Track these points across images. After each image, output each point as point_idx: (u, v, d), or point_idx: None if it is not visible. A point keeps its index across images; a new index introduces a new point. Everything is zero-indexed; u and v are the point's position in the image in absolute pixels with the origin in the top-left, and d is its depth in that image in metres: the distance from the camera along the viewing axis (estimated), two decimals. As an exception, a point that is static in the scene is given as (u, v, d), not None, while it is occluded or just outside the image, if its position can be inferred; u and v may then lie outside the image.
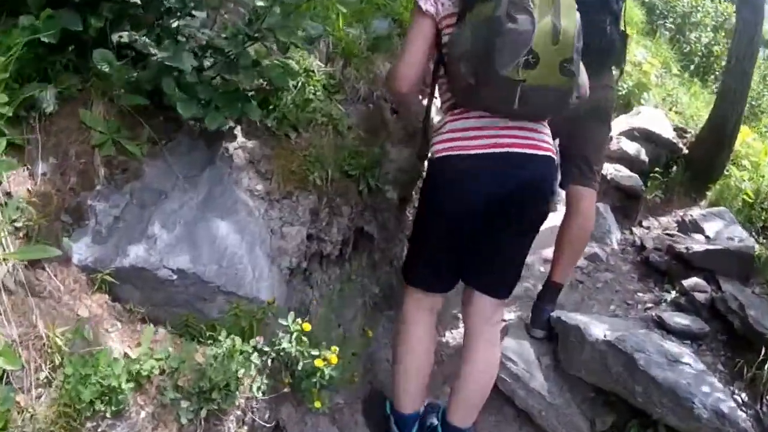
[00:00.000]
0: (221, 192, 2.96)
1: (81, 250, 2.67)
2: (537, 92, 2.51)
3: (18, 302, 2.44)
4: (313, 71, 3.35)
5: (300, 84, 3.27)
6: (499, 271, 3.04)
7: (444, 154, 2.84)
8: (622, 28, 3.77)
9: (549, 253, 4.52)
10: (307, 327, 2.60)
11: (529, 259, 5.09)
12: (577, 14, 2.53)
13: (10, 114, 2.64)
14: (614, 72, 4.08)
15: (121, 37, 2.49)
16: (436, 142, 2.90)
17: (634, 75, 7.47)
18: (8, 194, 2.63)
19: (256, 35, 2.57)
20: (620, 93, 7.08)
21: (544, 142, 2.83)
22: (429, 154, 3.00)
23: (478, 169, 2.75)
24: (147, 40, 2.50)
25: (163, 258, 2.67)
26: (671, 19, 9.40)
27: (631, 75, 7.43)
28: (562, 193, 4.19)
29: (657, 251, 5.41)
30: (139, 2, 2.68)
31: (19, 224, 2.58)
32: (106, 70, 2.66)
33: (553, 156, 2.86)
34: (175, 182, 2.88)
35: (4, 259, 2.46)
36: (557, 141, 4.05)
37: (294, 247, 3.15)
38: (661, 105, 7.56)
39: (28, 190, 2.70)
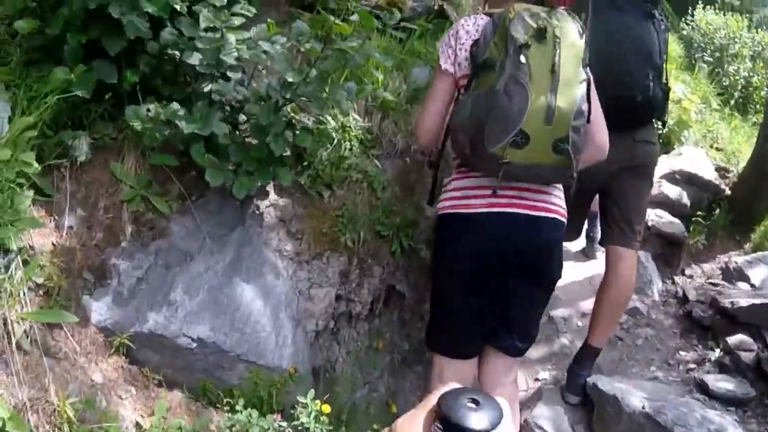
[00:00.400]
0: (249, 253, 2.82)
1: (101, 310, 2.56)
2: (528, 169, 2.42)
3: (32, 363, 2.34)
4: (349, 127, 3.18)
5: (336, 141, 3.11)
6: (509, 330, 2.84)
7: (446, 211, 2.73)
8: (665, 81, 3.52)
9: (587, 305, 4.28)
10: (327, 409, 2.44)
11: (565, 312, 4.91)
12: (579, 89, 2.36)
13: (39, 170, 2.53)
14: (657, 126, 3.83)
15: (149, 110, 2.34)
16: (443, 198, 2.80)
17: (674, 112, 7.13)
18: (32, 248, 2.53)
19: (288, 101, 2.41)
20: (660, 132, 6.75)
21: (548, 203, 2.65)
22: (437, 211, 2.85)
23: (476, 228, 2.62)
24: (176, 106, 2.37)
25: (183, 326, 2.54)
26: (709, 52, 8.99)
27: (670, 113, 7.09)
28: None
29: (700, 304, 5.10)
30: (176, 59, 2.55)
31: (39, 281, 2.48)
32: (138, 127, 2.53)
33: (559, 218, 2.67)
34: (202, 243, 2.75)
35: (21, 318, 2.36)
36: (595, 198, 3.85)
37: (321, 309, 3.00)
38: (702, 142, 7.21)
39: (52, 243, 2.61)
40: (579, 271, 5.20)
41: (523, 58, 2.28)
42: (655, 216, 5.83)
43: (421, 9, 3.91)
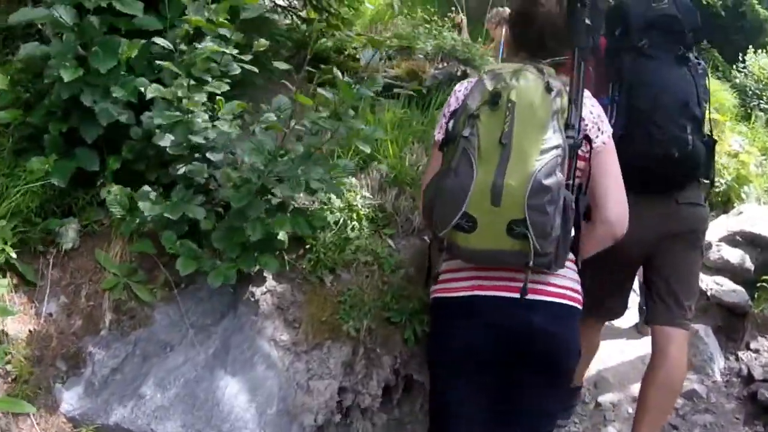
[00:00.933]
0: (239, 342, 2.53)
1: (72, 399, 2.37)
2: (484, 255, 2.06)
3: (-7, 453, 2.15)
4: (355, 205, 2.87)
5: (341, 220, 2.80)
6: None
7: (434, 295, 2.35)
8: (708, 132, 2.99)
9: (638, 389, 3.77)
10: None
11: (615, 397, 4.37)
12: (540, 160, 1.94)
13: (14, 257, 2.35)
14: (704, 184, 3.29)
15: (116, 195, 2.12)
16: (436, 280, 2.39)
17: (732, 167, 6.52)
18: (6, 334, 2.41)
19: (264, 186, 2.13)
20: (718, 190, 6.17)
21: (547, 284, 2.19)
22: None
23: (462, 314, 2.22)
24: (146, 189, 2.14)
25: (151, 421, 2.28)
26: (765, 99, 8.31)
27: (728, 168, 6.50)
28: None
29: (767, 384, 4.49)
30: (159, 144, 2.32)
31: (8, 368, 2.35)
32: (118, 214, 2.30)
33: (562, 302, 2.21)
34: (185, 333, 2.48)
35: (-16, 405, 2.16)
36: (638, 270, 3.36)
37: (322, 402, 2.65)
38: (765, 197, 6.57)
39: (30, 331, 2.48)
40: (631, 349, 4.67)
41: (468, 131, 1.96)
42: (714, 284, 5.23)
43: (443, 76, 3.61)
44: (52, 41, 2.37)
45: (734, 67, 8.90)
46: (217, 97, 2.24)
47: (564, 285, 2.23)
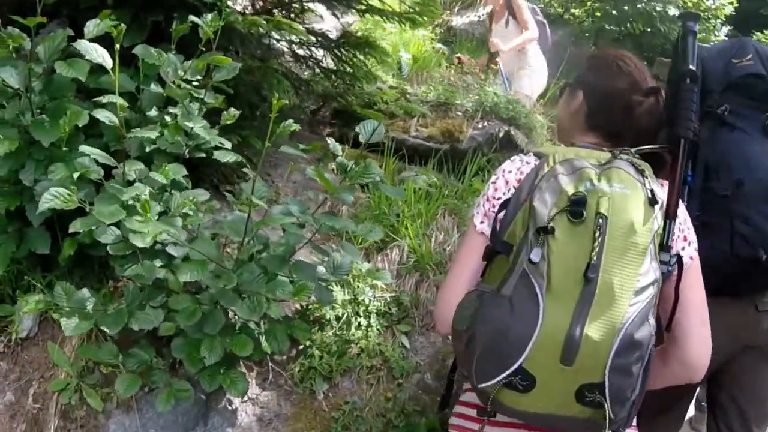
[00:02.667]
0: (208, 466, 2.01)
1: None
2: (540, 419, 1.42)
3: None
4: (362, 300, 2.35)
5: (343, 318, 2.28)
6: None
7: (450, 430, 1.74)
8: None
9: None
10: None
11: None
12: (635, 305, 1.32)
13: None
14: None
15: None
16: (455, 411, 1.78)
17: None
18: None
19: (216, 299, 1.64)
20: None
21: None
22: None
23: None
24: (84, 294, 1.71)
25: None
26: None
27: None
28: None
29: None
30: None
31: None
32: (66, 309, 1.84)
33: None
34: (140, 454, 1.98)
35: None
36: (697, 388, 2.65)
37: None
38: None
39: None
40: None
41: (538, 252, 1.33)
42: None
43: (483, 137, 3.05)
44: (6, 105, 1.96)
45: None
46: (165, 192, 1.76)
47: None
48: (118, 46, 1.63)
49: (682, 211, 1.58)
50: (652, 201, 1.38)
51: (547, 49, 5.05)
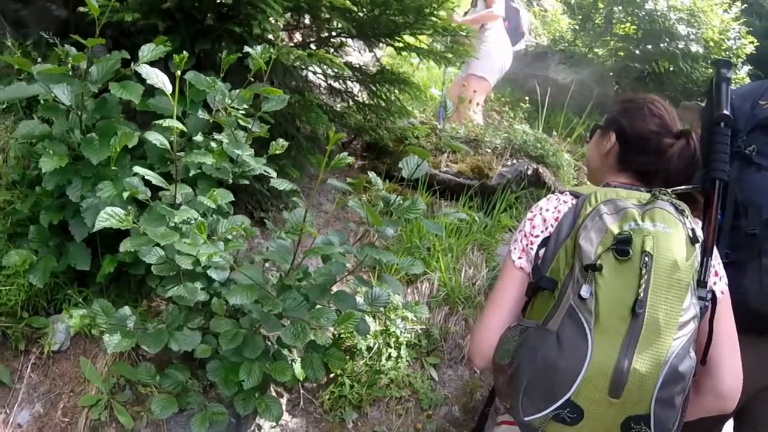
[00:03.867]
0: (232, 495, 1.95)
1: None
2: None
3: None
4: (394, 331, 2.31)
5: (375, 347, 2.24)
6: None
7: None
8: None
9: None
10: None
11: None
12: (679, 338, 1.34)
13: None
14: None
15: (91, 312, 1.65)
16: None
17: None
18: None
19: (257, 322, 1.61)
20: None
21: None
22: None
23: None
24: (126, 312, 1.67)
25: None
26: None
27: None
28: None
29: None
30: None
31: None
32: (104, 327, 1.81)
33: None
34: (167, 478, 1.92)
35: None
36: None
37: None
38: None
39: None
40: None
41: (587, 289, 1.34)
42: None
43: (512, 174, 3.03)
44: (56, 121, 1.96)
45: None
46: (204, 217, 1.74)
47: None
48: (179, 72, 1.63)
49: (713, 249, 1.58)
50: (694, 240, 1.40)
51: (518, 38, 4.82)
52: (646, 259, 1.33)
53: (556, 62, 6.41)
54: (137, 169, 1.64)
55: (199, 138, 1.96)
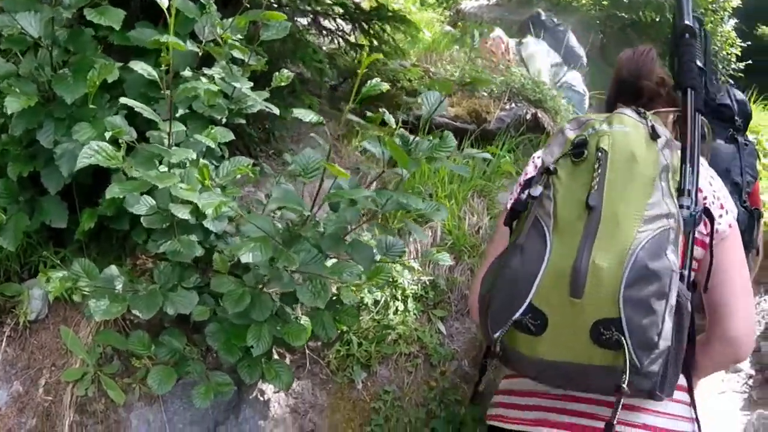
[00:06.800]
0: (239, 463, 1.72)
1: None
2: (559, 370, 1.26)
3: None
4: (401, 283, 2.07)
5: (382, 301, 2.00)
6: None
7: (489, 422, 1.54)
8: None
9: None
10: None
11: None
12: (641, 236, 1.20)
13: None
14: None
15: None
16: (492, 401, 1.59)
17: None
18: None
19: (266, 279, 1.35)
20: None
21: (638, 426, 1.35)
22: None
23: None
24: (114, 272, 1.39)
25: None
26: None
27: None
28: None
29: None
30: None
31: None
32: (86, 290, 1.53)
33: None
34: (166, 450, 1.68)
35: None
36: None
37: None
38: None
39: None
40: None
41: (539, 188, 1.30)
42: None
43: (510, 119, 2.78)
44: (24, 58, 1.63)
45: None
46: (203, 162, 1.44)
47: (674, 429, 1.37)
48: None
49: (718, 181, 1.49)
50: (654, 135, 1.32)
51: None
52: (600, 155, 1.27)
53: (542, 8, 6.13)
54: (125, 100, 1.34)
55: (187, 73, 1.66)
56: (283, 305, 1.70)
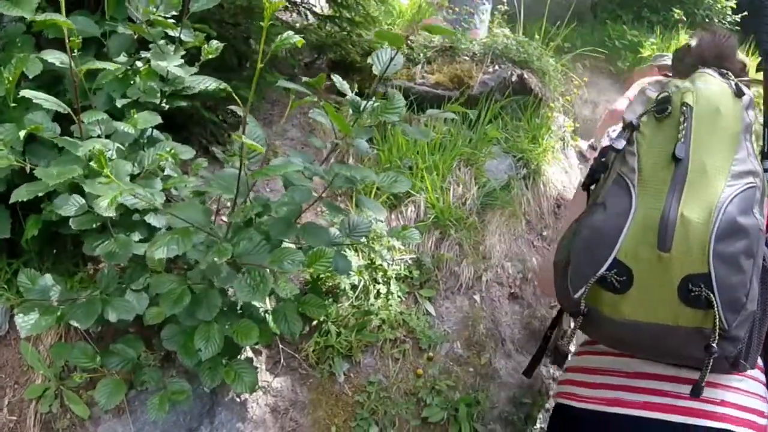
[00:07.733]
0: (215, 469, 1.60)
1: None
2: (642, 333, 1.19)
3: None
4: (380, 264, 1.92)
5: (361, 285, 1.85)
6: None
7: (558, 399, 1.52)
8: None
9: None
10: None
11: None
12: (729, 189, 1.16)
13: None
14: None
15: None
16: (561, 378, 1.57)
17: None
18: None
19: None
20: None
21: (716, 403, 1.28)
22: None
23: None
24: (48, 282, 1.25)
25: None
26: None
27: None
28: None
29: None
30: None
31: None
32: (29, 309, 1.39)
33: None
34: (136, 461, 1.56)
35: None
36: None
37: None
38: None
39: None
40: None
41: (621, 142, 1.25)
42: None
43: (495, 82, 2.59)
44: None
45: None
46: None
47: (752, 407, 1.30)
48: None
49: None
50: (738, 93, 1.26)
51: None
52: (684, 109, 1.22)
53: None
54: (27, 93, 1.19)
55: (122, 59, 1.51)
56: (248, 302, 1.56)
